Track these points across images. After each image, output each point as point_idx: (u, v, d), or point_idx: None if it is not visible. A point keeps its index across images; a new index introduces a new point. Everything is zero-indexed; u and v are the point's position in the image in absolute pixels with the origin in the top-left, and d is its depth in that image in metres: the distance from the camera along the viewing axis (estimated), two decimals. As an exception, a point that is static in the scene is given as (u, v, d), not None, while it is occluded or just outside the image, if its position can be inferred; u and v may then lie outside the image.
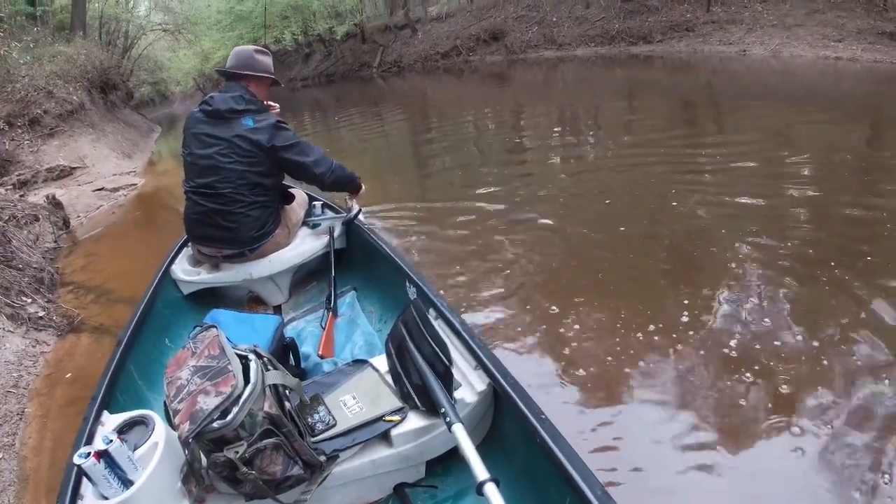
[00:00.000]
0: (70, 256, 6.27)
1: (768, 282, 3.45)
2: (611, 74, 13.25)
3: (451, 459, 2.00)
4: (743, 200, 4.63)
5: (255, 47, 3.14)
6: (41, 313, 4.57)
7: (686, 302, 3.36)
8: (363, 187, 3.45)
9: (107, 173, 9.73)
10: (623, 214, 4.78)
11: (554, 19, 18.66)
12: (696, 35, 13.70)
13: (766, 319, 3.12)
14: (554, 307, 3.51)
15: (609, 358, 3.01)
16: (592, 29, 16.99)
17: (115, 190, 8.78)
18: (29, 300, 4.74)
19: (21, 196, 7.91)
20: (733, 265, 3.67)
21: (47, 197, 7.39)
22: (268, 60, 3.12)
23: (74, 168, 9.74)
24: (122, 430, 1.82)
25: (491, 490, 1.48)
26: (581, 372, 2.94)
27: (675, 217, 4.54)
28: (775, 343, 2.92)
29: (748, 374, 2.74)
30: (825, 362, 2.75)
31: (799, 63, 10.01)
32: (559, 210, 5.04)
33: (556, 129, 8.68)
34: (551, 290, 3.76)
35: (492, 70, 17.65)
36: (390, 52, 24.93)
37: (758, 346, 2.91)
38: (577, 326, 3.31)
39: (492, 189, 6.00)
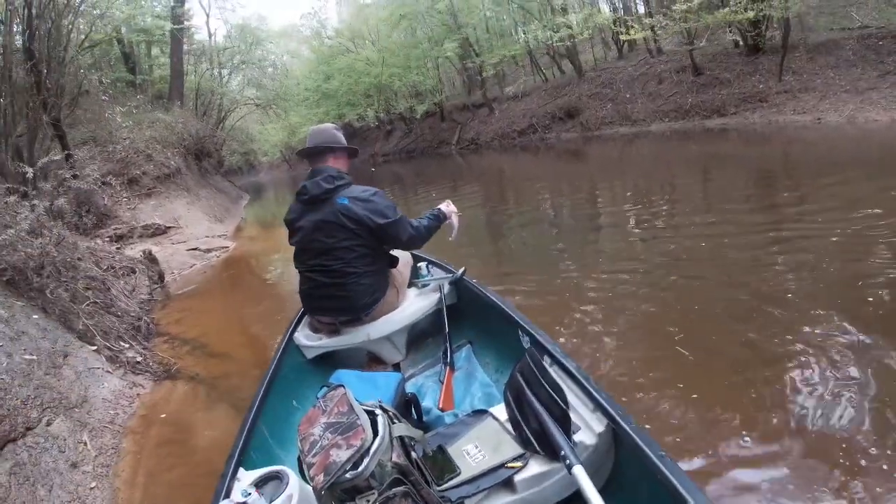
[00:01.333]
0: (164, 310, 6.57)
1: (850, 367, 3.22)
2: (685, 149, 13.11)
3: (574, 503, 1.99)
4: (829, 273, 4.38)
5: (331, 124, 3.37)
6: (139, 358, 4.79)
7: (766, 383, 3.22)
8: (448, 209, 3.53)
9: (199, 234, 10.19)
10: (699, 290, 4.64)
11: (628, 96, 18.82)
12: (769, 105, 13.52)
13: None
14: (632, 387, 3.44)
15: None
16: (666, 104, 17.02)
17: (209, 251, 9.20)
18: (127, 346, 4.98)
19: (118, 248, 8.35)
20: (817, 346, 3.44)
21: (144, 252, 7.80)
22: (341, 135, 3.31)
23: (169, 227, 10.24)
24: (258, 485, 1.93)
25: None
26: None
27: (755, 292, 4.32)
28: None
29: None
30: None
31: (875, 127, 9.72)
32: (635, 287, 4.88)
33: (631, 205, 8.48)
34: (626, 370, 3.65)
35: (567, 147, 17.82)
36: (468, 130, 25.56)
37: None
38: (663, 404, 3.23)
39: (567, 264, 5.95)
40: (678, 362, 3.62)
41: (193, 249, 9.12)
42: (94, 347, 4.66)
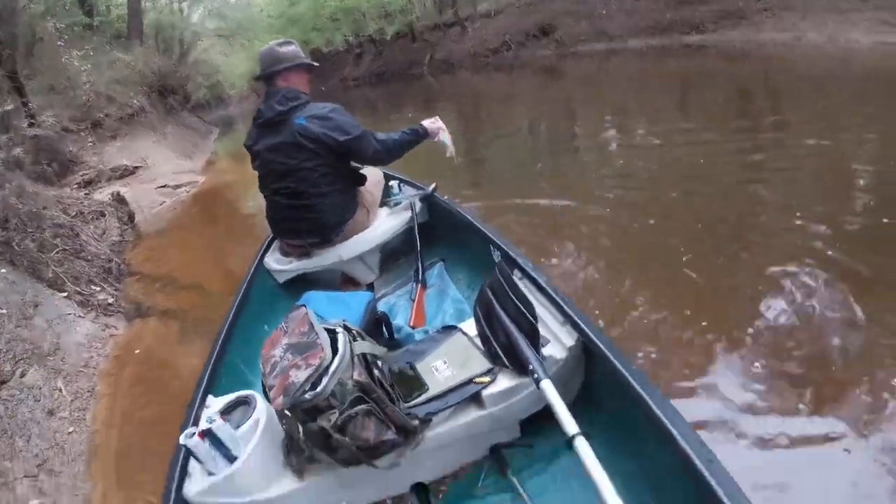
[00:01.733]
0: (135, 249, 6.48)
1: (827, 279, 3.25)
2: (664, 65, 12.92)
3: (545, 418, 1.94)
4: (805, 190, 4.42)
5: (276, 41, 3.13)
6: (110, 300, 4.74)
7: (746, 290, 3.27)
8: (433, 126, 3.31)
9: (167, 172, 9.98)
10: (680, 204, 4.64)
11: (604, 12, 18.24)
12: (749, 23, 13.21)
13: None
14: (614, 295, 3.48)
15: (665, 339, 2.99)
16: (643, 20, 16.50)
17: (177, 187, 9.02)
18: (98, 288, 4.92)
19: (87, 194, 8.17)
20: (792, 259, 3.47)
21: (112, 194, 7.67)
22: (293, 49, 3.08)
23: (137, 167, 10.00)
24: (226, 411, 1.90)
25: (581, 444, 1.47)
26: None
27: (733, 207, 4.36)
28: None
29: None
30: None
31: (856, 48, 9.49)
32: (616, 202, 4.88)
33: (609, 122, 8.47)
34: (608, 280, 3.70)
35: (542, 64, 17.37)
36: (440, 50, 24.89)
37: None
38: (636, 313, 3.26)
39: (545, 184, 5.89)
40: (653, 277, 3.67)
41: (162, 187, 8.93)
42: (65, 294, 4.59)
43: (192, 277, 5.23)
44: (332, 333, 1.75)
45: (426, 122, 3.30)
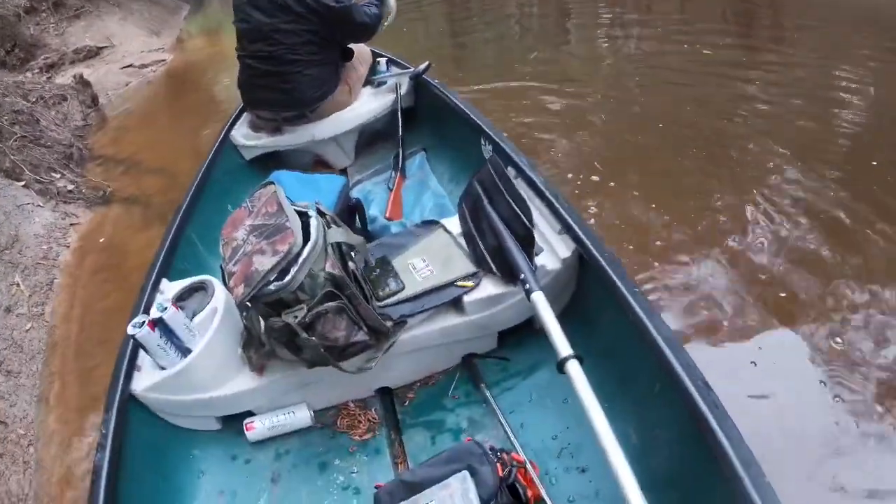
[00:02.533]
0: (99, 133, 6.16)
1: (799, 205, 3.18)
2: None
3: (526, 331, 1.87)
4: (787, 117, 4.18)
5: None
6: (70, 187, 4.52)
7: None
8: None
9: (135, 51, 9.46)
10: (662, 108, 4.44)
11: None
12: None
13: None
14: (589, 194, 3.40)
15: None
16: None
17: (144, 66, 8.56)
18: (58, 175, 4.68)
19: (48, 78, 7.79)
20: (759, 176, 3.42)
21: (75, 76, 7.24)
22: None
23: (101, 48, 9.48)
24: (182, 297, 1.78)
25: (574, 368, 1.32)
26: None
27: (715, 118, 4.21)
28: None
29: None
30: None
31: None
32: (599, 98, 4.73)
33: (603, 11, 8.05)
34: (586, 177, 3.58)
35: None
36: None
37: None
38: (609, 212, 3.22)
39: (529, 68, 5.66)
40: (636, 177, 3.56)
41: (128, 67, 8.45)
42: (23, 183, 4.35)
43: (158, 160, 4.99)
44: (304, 217, 1.53)
45: None
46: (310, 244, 1.43)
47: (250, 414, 1.77)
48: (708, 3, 7.81)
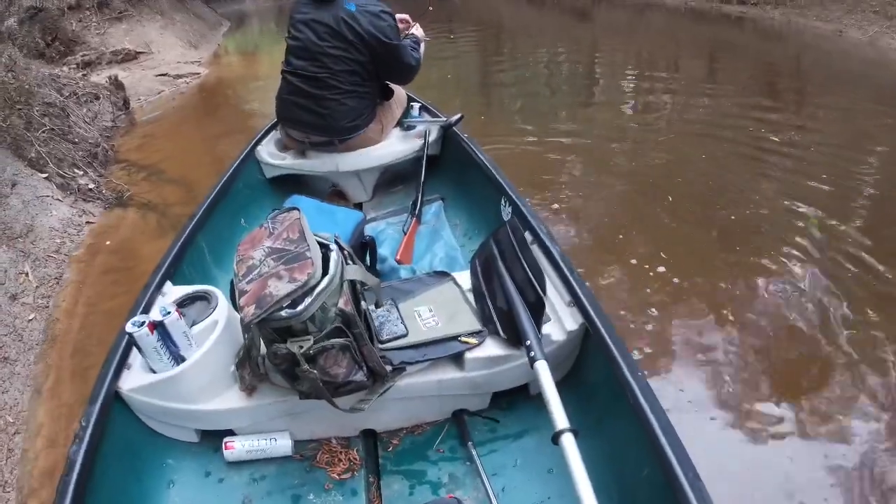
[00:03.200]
0: (126, 136, 6.28)
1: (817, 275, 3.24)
2: (698, 29, 12.36)
3: (518, 395, 1.87)
4: (810, 185, 4.26)
5: None
6: (91, 186, 4.60)
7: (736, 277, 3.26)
8: (419, 33, 3.24)
9: (171, 61, 9.65)
10: (681, 174, 4.53)
11: (648, -38, 17.52)
12: (793, 5, 12.47)
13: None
14: (598, 256, 3.45)
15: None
16: None
17: (178, 77, 8.70)
18: (81, 172, 4.77)
19: (84, 76, 7.90)
20: (784, 250, 3.47)
21: (109, 77, 7.38)
22: None
23: (139, 53, 9.67)
24: (183, 304, 1.76)
25: (569, 441, 1.33)
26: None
27: (735, 191, 4.26)
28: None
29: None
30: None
31: (895, 58, 9.14)
32: (623, 160, 4.84)
33: (630, 75, 8.29)
34: (599, 240, 3.68)
35: (575, 5, 16.64)
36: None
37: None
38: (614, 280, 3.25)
39: (556, 125, 5.80)
40: (649, 241, 3.61)
41: (163, 75, 8.60)
42: (45, 175, 4.44)
43: (180, 171, 5.08)
44: (325, 249, 1.53)
45: (416, 31, 3.20)
46: (327, 278, 1.43)
47: (231, 433, 1.76)
48: (735, 75, 8.07)
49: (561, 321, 1.78)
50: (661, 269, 3.29)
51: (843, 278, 3.15)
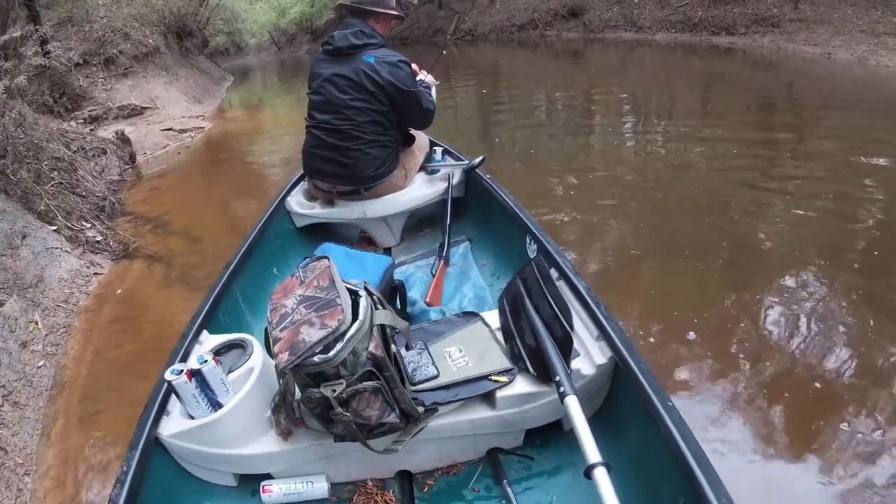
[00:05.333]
0: (133, 190, 6.46)
1: (820, 303, 3.27)
2: (689, 63, 12.62)
3: (552, 432, 1.87)
4: (810, 215, 4.32)
5: None
6: (98, 238, 4.72)
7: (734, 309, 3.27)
8: (429, 79, 3.36)
9: (176, 115, 9.93)
10: (681, 209, 4.61)
11: (636, 0, 18.01)
12: (781, 32, 12.79)
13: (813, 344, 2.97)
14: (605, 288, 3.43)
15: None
16: (675, 14, 16.06)
17: (183, 131, 8.94)
18: (89, 225, 4.90)
19: (91, 130, 8.12)
20: (784, 279, 3.50)
21: (116, 132, 7.60)
22: None
23: (145, 108, 9.95)
24: (219, 352, 1.81)
25: (601, 476, 1.33)
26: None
27: (733, 222, 4.32)
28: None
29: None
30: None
31: (885, 73, 9.18)
32: (619, 198, 4.88)
33: (626, 114, 8.44)
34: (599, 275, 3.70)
35: (567, 47, 17.04)
36: (465, 21, 24.52)
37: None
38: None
39: (555, 166, 5.93)
40: (645, 279, 3.65)
41: (168, 130, 8.86)
42: (55, 228, 4.58)
43: (185, 224, 5.22)
44: (354, 295, 1.58)
45: (427, 78, 3.30)
46: (357, 323, 1.47)
47: (268, 476, 1.76)
48: (729, 109, 8.17)
49: (590, 356, 1.78)
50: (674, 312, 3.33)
51: (856, 309, 3.17)
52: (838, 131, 6.39)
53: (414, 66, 3.18)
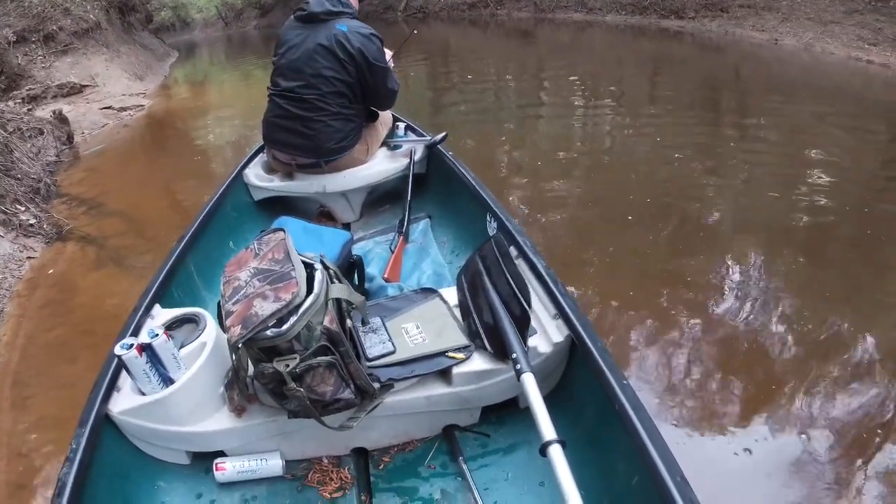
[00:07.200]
0: (69, 171, 6.36)
1: (766, 275, 3.46)
2: (638, 45, 12.81)
3: (508, 409, 1.87)
4: (754, 193, 4.52)
5: None
6: (32, 221, 4.67)
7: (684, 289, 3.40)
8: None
9: (116, 93, 9.72)
10: (631, 190, 4.70)
11: (587, -20, 18.01)
12: (729, 17, 12.96)
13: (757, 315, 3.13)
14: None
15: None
16: None
17: (123, 109, 8.77)
18: (23, 208, 4.84)
19: (29, 110, 7.93)
20: (729, 255, 3.68)
21: (54, 112, 7.42)
22: None
23: (85, 86, 9.72)
24: (171, 326, 1.77)
25: (556, 453, 1.32)
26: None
27: (682, 199, 4.47)
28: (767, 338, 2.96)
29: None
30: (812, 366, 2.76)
31: (830, 60, 9.47)
32: (569, 177, 5.01)
33: (576, 94, 8.56)
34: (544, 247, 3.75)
35: (518, 26, 17.10)
36: (417, -2, 24.36)
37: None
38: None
39: (504, 146, 6.04)
40: (595, 258, 3.78)
41: (107, 108, 8.67)
42: (-14, 213, 4.54)
43: (121, 204, 5.19)
44: (310, 268, 1.55)
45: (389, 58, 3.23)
46: (312, 296, 1.45)
47: (221, 454, 1.73)
48: (676, 90, 8.45)
49: (547, 334, 1.79)
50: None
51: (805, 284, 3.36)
52: (783, 115, 6.63)
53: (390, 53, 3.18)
